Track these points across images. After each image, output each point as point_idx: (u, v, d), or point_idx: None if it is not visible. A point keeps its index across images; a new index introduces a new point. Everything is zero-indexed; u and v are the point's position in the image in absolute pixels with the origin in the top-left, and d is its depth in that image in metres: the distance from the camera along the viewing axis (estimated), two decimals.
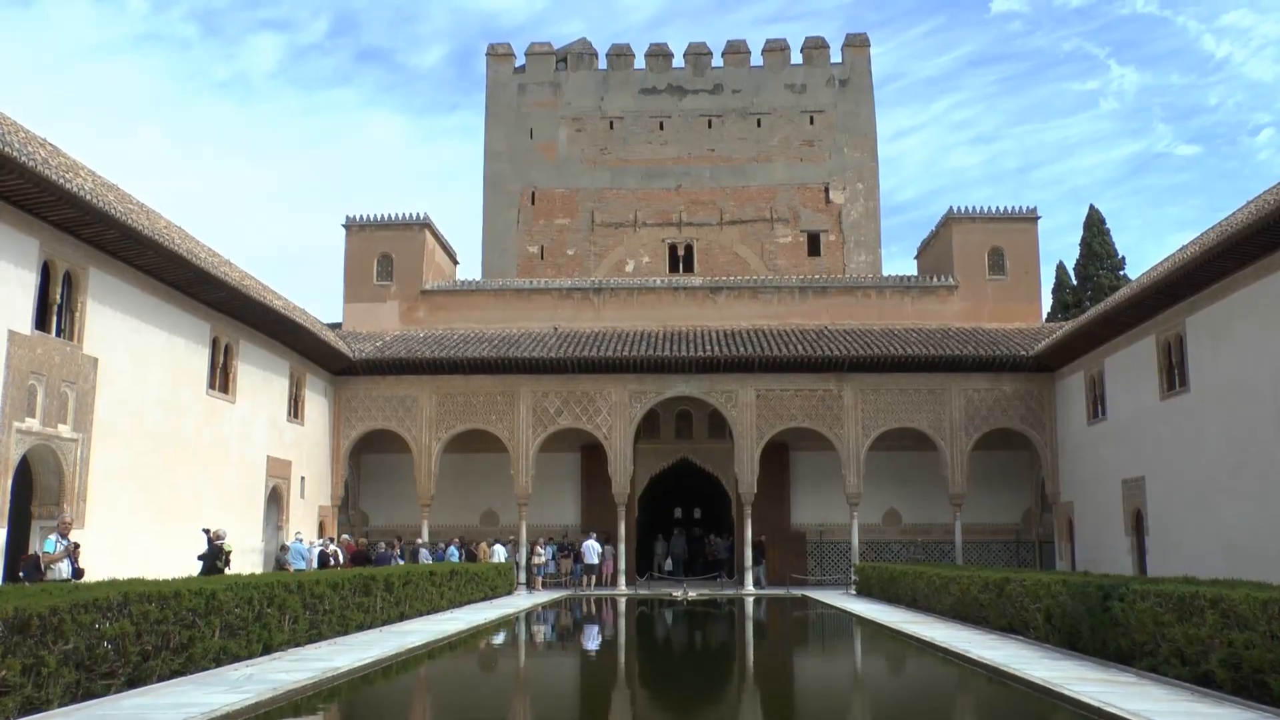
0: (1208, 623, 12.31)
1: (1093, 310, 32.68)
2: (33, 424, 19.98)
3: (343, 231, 43.07)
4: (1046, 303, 47.11)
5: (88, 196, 19.95)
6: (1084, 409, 33.66)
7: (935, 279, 42.38)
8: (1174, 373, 27.37)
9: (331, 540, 32.90)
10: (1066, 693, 12.41)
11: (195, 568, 22.66)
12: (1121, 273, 49.67)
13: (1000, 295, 41.66)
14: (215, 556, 22.53)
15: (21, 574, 17.51)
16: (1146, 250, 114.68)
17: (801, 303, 41.94)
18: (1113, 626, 15.11)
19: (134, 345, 23.85)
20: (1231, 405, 24.22)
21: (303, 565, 26.89)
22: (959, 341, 37.66)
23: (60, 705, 10.67)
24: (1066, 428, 35.45)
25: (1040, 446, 36.62)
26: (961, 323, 40.84)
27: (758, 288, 42.47)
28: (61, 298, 21.30)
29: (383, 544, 32.04)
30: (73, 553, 17.52)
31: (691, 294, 42.33)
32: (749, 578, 36.89)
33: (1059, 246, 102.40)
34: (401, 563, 30.65)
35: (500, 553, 36.58)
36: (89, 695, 11.26)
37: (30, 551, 19.35)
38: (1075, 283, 51.41)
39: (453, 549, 35.59)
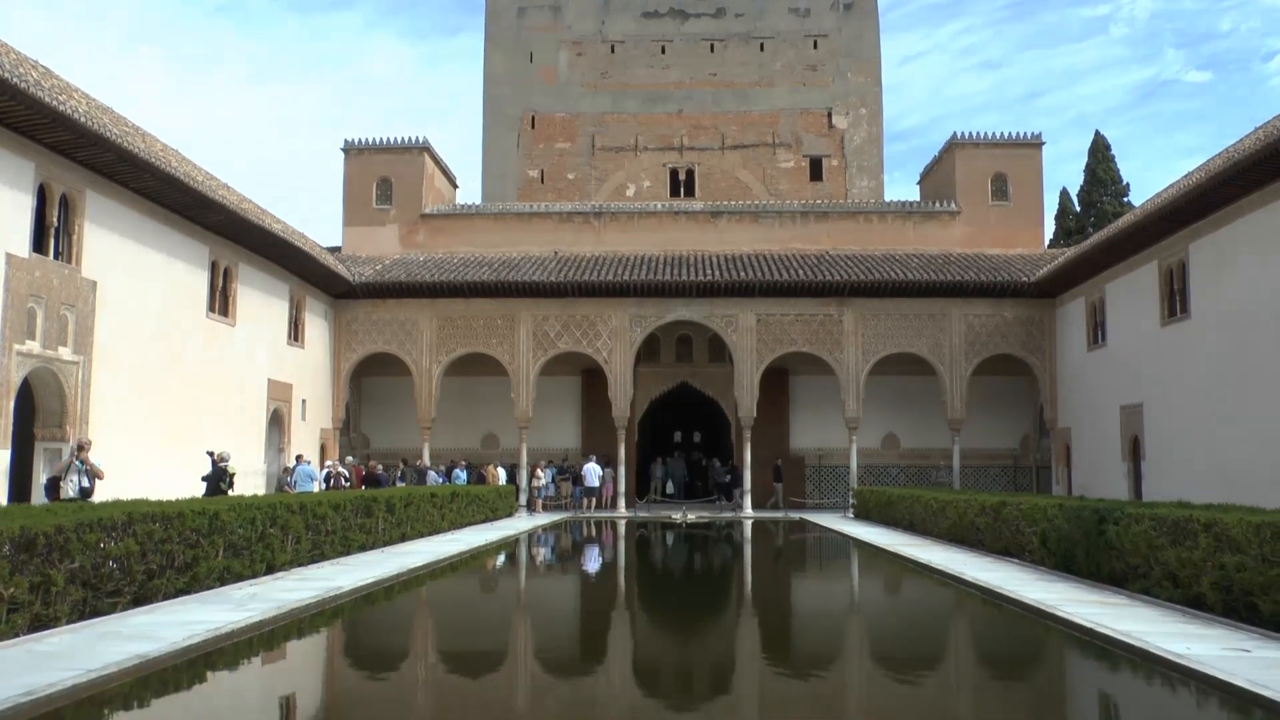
0: (1201, 546, 12.44)
1: (1095, 236, 32.52)
2: (33, 346, 20.02)
3: (342, 156, 42.79)
4: (1049, 229, 46.98)
5: (81, 119, 19.78)
6: (1084, 335, 33.67)
7: (938, 205, 42.16)
8: (1175, 299, 27.34)
9: (338, 463, 33.10)
10: (1060, 614, 12.59)
11: (198, 489, 22.83)
12: (1125, 199, 49.32)
13: (1003, 221, 41.49)
14: (219, 478, 22.69)
15: (46, 495, 17.95)
16: (1152, 178, 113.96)
17: (803, 227, 41.80)
18: (1107, 550, 15.27)
19: (132, 268, 23.80)
20: (1232, 332, 24.22)
21: (311, 486, 27.08)
22: (960, 267, 37.57)
23: (68, 622, 10.84)
24: (1066, 354, 35.50)
25: (1040, 372, 36.69)
26: (963, 248, 40.71)
27: (759, 212, 42.28)
28: (59, 220, 21.21)
29: (380, 467, 32.26)
30: (79, 463, 17.58)
31: (692, 218, 42.16)
32: (748, 501, 37.19)
33: (1063, 173, 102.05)
34: (403, 485, 30.91)
35: (502, 475, 36.91)
36: (96, 613, 11.43)
37: (45, 474, 19.70)
38: (1079, 209, 51.10)
39: (460, 471, 35.90)
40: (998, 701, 9.71)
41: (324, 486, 28.75)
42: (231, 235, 28.38)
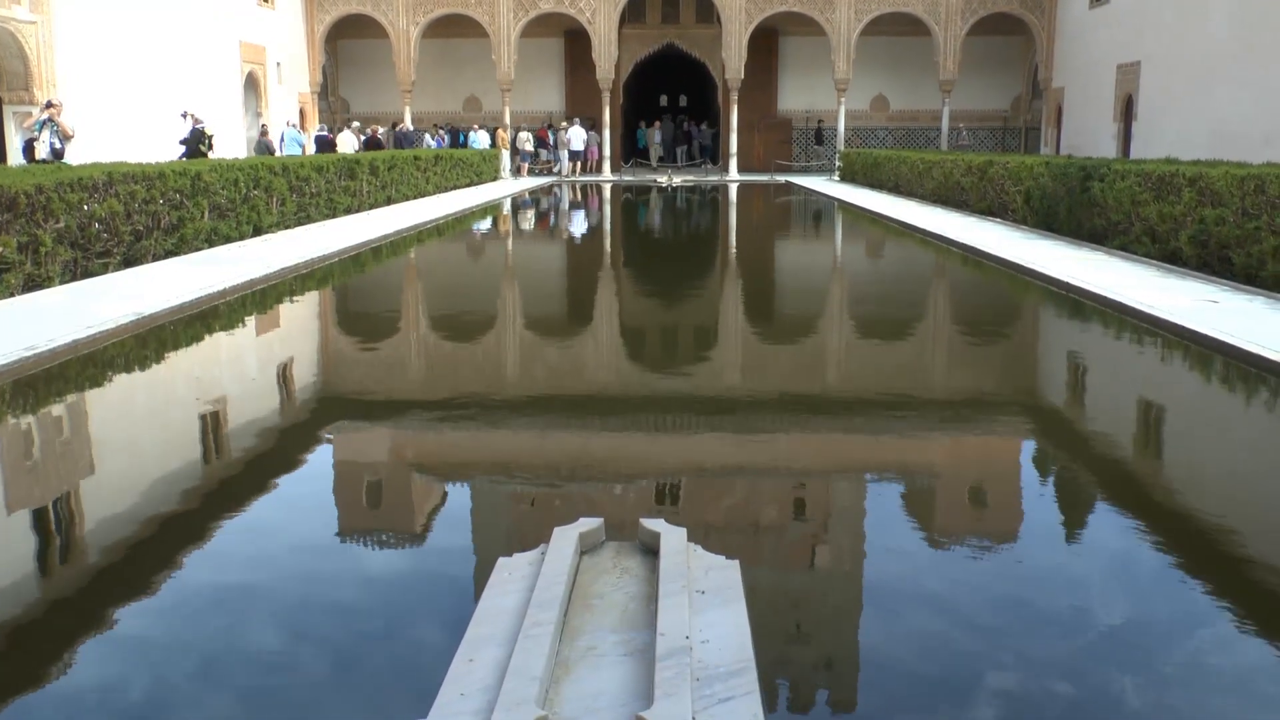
0: (1183, 200, 12.49)
1: None
2: None
3: None
4: None
5: None
6: None
7: None
8: None
9: (329, 128, 32.36)
10: (1037, 269, 12.84)
11: (175, 155, 22.47)
12: None
13: None
14: (198, 141, 22.24)
15: (24, 158, 17.60)
16: None
17: None
18: (1090, 207, 15.37)
19: None
20: None
21: (298, 151, 26.70)
22: None
23: (61, 283, 10.96)
24: (1067, 11, 34.26)
25: (1037, 31, 35.54)
26: None
27: None
28: None
29: (375, 130, 31.65)
30: (52, 123, 17.13)
31: None
32: (733, 164, 36.99)
33: None
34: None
35: (484, 139, 36.45)
36: (87, 274, 11.53)
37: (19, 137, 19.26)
38: None
39: (474, 134, 35.65)
40: (975, 355, 10.06)
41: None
42: None
